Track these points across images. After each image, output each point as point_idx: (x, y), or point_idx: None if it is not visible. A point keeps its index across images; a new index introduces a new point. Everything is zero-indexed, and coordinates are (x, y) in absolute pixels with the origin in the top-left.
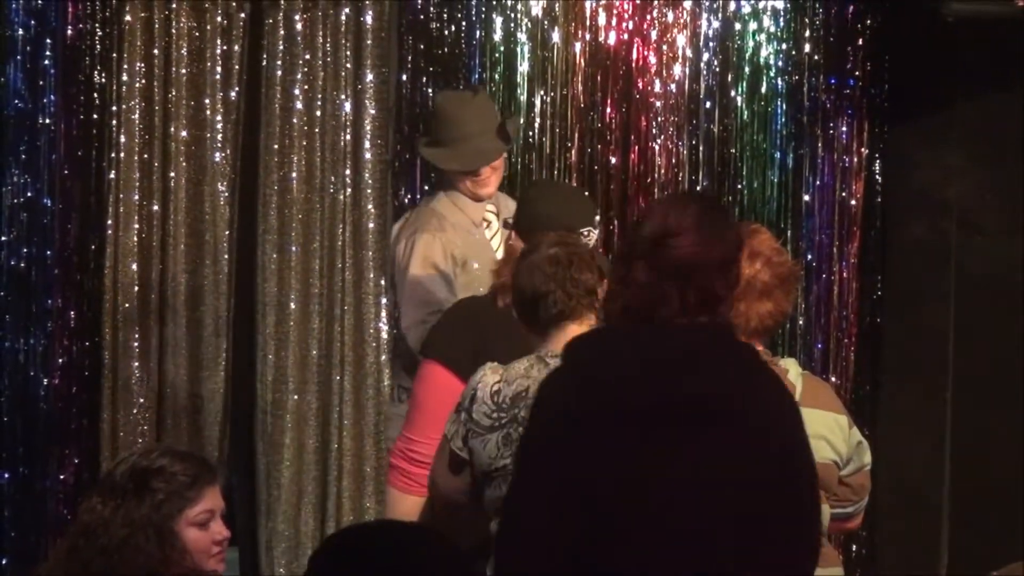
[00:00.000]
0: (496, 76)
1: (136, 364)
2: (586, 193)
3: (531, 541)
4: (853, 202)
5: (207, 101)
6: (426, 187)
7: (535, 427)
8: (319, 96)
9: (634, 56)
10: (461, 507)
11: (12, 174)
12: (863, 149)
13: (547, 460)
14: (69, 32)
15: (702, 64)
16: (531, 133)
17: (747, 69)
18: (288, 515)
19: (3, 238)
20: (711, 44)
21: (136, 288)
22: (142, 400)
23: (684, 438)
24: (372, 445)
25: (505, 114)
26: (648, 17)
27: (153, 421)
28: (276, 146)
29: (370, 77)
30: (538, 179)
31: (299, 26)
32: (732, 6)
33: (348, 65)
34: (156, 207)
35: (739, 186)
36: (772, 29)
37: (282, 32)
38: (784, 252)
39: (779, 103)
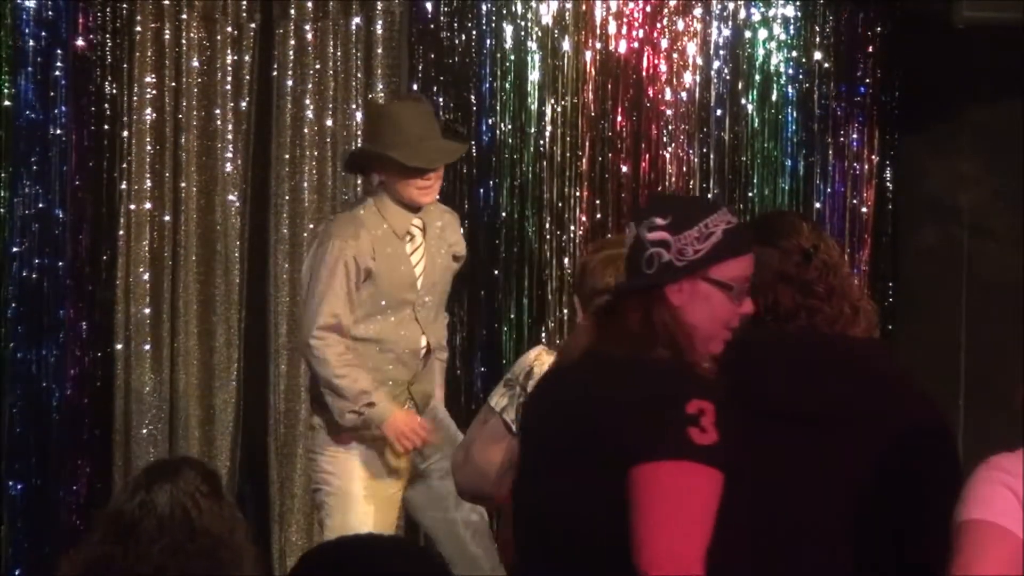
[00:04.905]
0: (507, 85)
1: (148, 374)
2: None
3: None
4: (864, 209)
5: (218, 111)
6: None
7: None
8: (330, 106)
9: (644, 64)
10: (485, 483)
11: (24, 185)
12: (874, 156)
13: None
14: (80, 43)
15: (712, 72)
16: (542, 142)
17: (758, 77)
18: (301, 524)
19: (15, 249)
20: (721, 52)
21: (148, 298)
22: (154, 410)
23: (818, 440)
24: None
25: (449, 120)
26: (658, 25)
27: (165, 431)
28: (287, 156)
29: (381, 87)
30: None
31: (309, 36)
32: (742, 14)
33: (359, 75)
34: (167, 217)
35: (750, 194)
36: (782, 37)
37: (292, 42)
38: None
39: (790, 111)
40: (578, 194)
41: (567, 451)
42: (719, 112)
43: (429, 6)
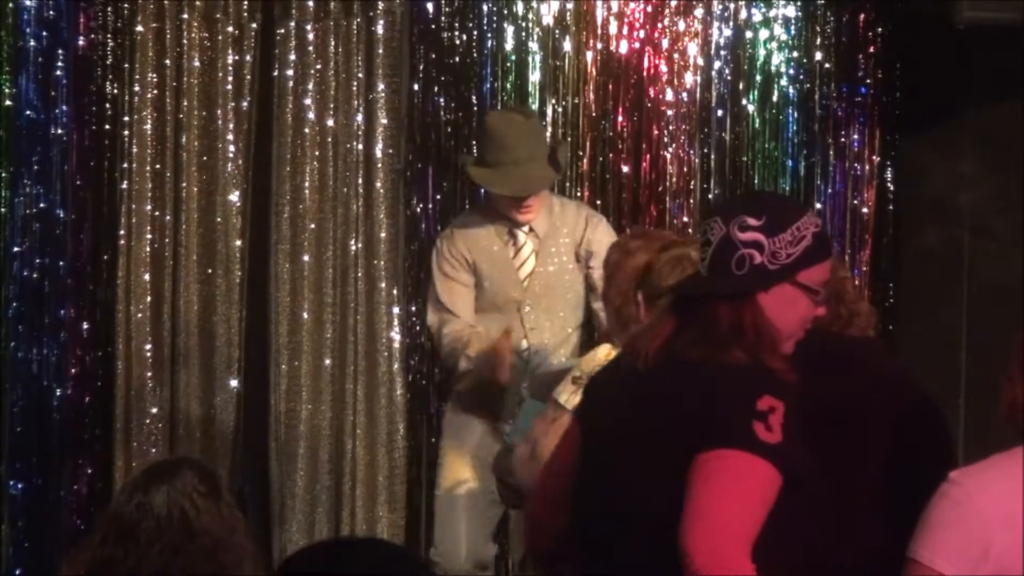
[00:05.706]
0: (508, 85)
1: (149, 374)
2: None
3: None
4: (865, 210)
5: (219, 111)
6: (438, 196)
7: None
8: (331, 106)
9: (645, 65)
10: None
11: (25, 185)
12: (875, 157)
13: None
14: (81, 43)
15: (713, 72)
16: None
17: (759, 77)
18: (302, 524)
19: (16, 249)
20: (722, 52)
21: (148, 298)
22: (155, 410)
23: (817, 441)
24: (385, 454)
25: (555, 142)
26: (659, 26)
27: (166, 431)
28: (288, 156)
29: (382, 87)
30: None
31: (311, 36)
32: (743, 14)
33: (360, 75)
34: (168, 217)
35: None
36: (783, 37)
37: (294, 42)
38: None
39: (791, 111)
40: (579, 194)
41: (647, 448)
42: (720, 112)
43: (430, 6)
